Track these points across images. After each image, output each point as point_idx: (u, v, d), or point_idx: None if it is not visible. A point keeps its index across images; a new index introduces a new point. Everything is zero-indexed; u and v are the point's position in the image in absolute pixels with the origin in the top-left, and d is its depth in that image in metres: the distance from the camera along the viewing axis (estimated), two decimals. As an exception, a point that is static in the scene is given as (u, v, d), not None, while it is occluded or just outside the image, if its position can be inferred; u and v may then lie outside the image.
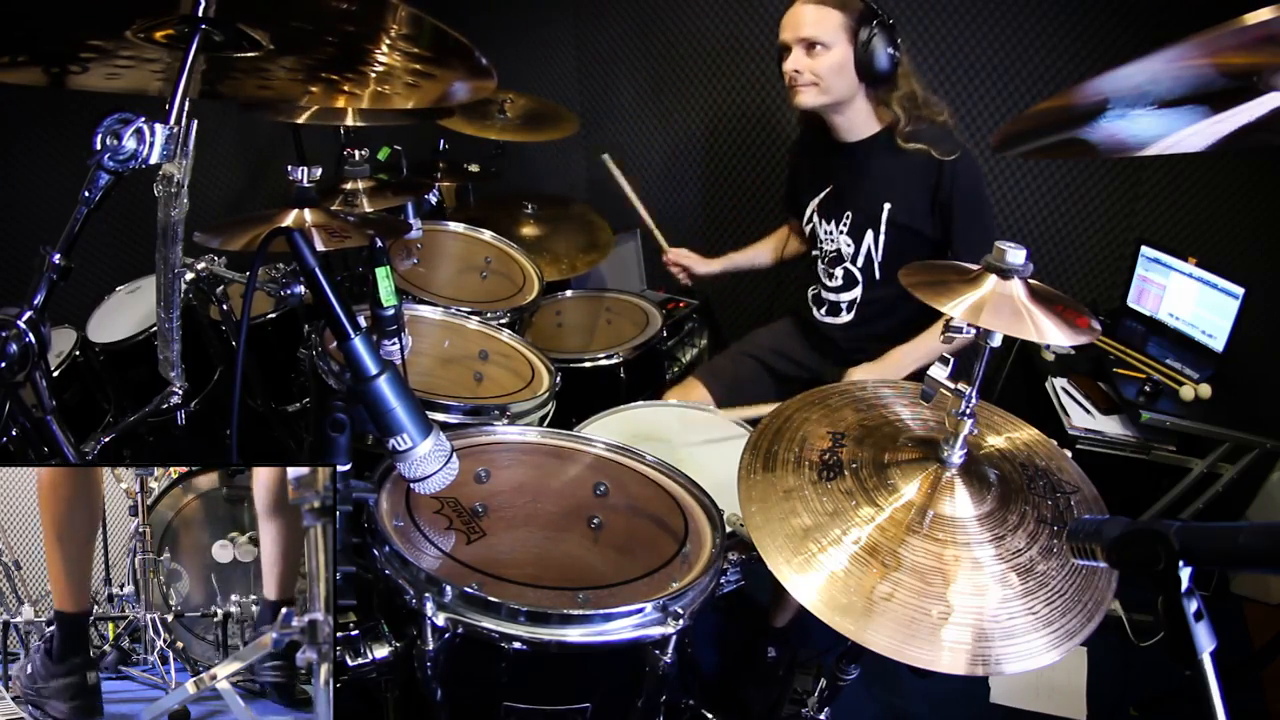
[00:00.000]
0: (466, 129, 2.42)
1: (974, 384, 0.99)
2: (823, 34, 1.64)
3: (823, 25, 1.64)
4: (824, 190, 1.87)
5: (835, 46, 1.64)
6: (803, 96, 1.70)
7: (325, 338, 1.45)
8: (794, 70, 1.68)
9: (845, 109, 1.74)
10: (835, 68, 1.66)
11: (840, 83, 1.68)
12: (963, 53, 2.41)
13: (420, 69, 1.21)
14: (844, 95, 1.70)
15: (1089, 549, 0.70)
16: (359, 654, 1.01)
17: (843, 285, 1.88)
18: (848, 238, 1.82)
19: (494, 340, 1.80)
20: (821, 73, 1.66)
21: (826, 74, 1.66)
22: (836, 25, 1.63)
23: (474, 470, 1.24)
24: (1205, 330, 2.22)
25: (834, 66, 1.66)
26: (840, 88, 1.69)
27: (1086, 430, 2.11)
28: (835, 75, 1.67)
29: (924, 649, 0.86)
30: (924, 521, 0.99)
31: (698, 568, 1.11)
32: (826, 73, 1.66)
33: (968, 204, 1.69)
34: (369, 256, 1.13)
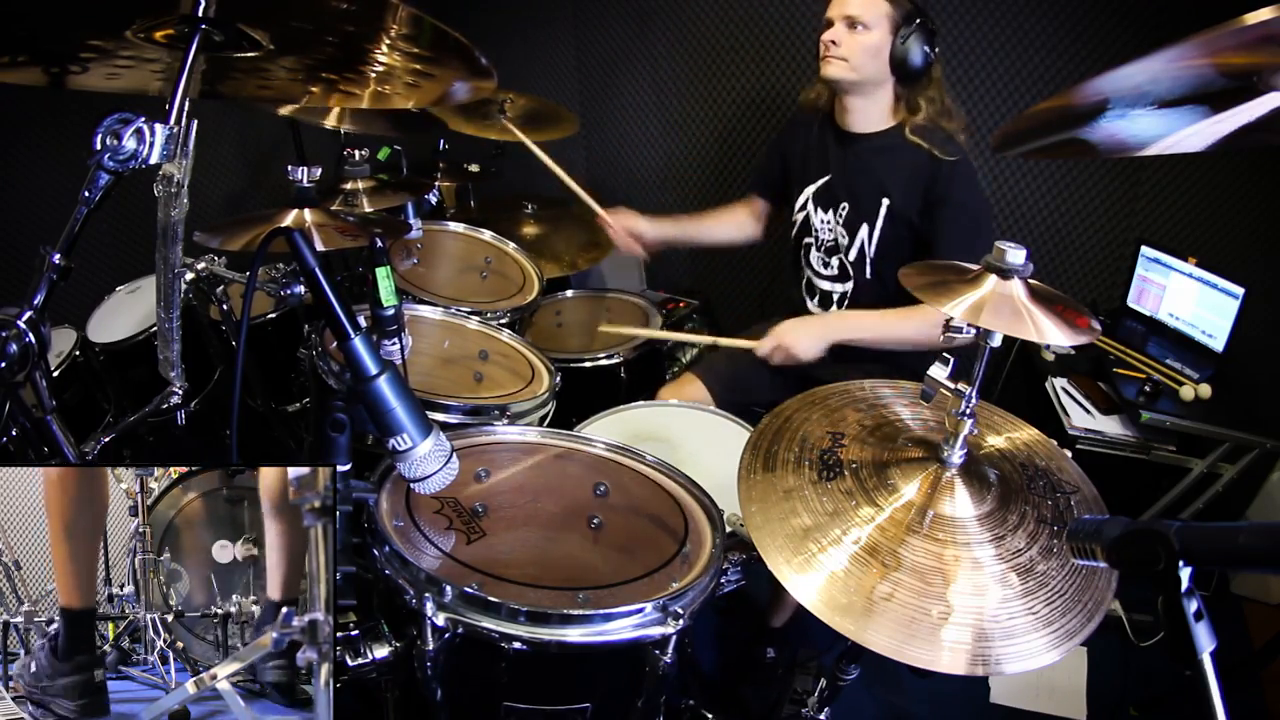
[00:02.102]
0: (466, 129, 2.42)
1: (974, 384, 0.99)
2: (867, 16, 1.67)
3: (869, 8, 1.67)
4: (822, 179, 1.86)
5: (875, 30, 1.67)
6: (832, 68, 1.72)
7: (325, 338, 1.46)
8: (831, 40, 1.70)
9: (867, 94, 1.75)
10: (870, 50, 1.68)
11: (871, 66, 1.70)
12: (963, 53, 2.41)
13: (420, 69, 1.21)
14: (870, 78, 1.72)
15: (1089, 549, 0.70)
16: (359, 654, 1.01)
17: (837, 276, 1.88)
18: (843, 229, 1.83)
19: (494, 340, 1.80)
20: (856, 50, 1.69)
21: (860, 53, 1.68)
22: (882, 12, 1.67)
23: (474, 470, 1.24)
24: (1205, 330, 2.22)
25: (869, 48, 1.68)
26: (869, 70, 1.70)
27: (1086, 430, 2.11)
28: (868, 57, 1.69)
29: (924, 649, 0.86)
30: (924, 521, 0.99)
31: (698, 568, 1.11)
32: (861, 52, 1.68)
33: (956, 207, 1.68)
34: (369, 256, 1.13)
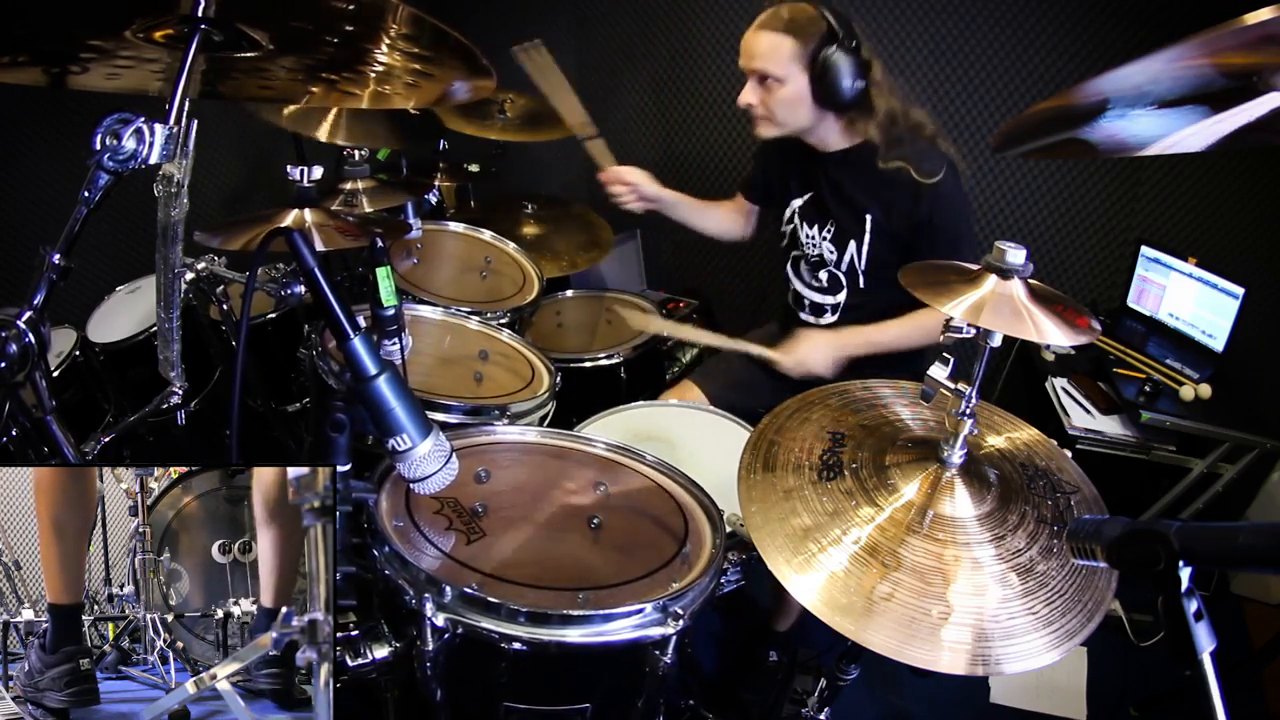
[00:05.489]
0: (466, 129, 2.42)
1: (974, 384, 0.99)
2: (774, 67, 1.54)
3: (774, 57, 1.54)
4: (805, 195, 1.80)
5: (789, 80, 1.55)
6: (759, 128, 1.64)
7: (325, 338, 1.45)
8: (748, 103, 1.61)
9: (813, 131, 1.66)
10: (789, 102, 1.57)
11: (796, 115, 1.60)
12: (963, 53, 2.41)
13: (420, 69, 1.21)
14: (804, 125, 1.63)
15: (1089, 549, 0.70)
16: (359, 654, 1.01)
17: (827, 289, 1.81)
18: (831, 244, 1.76)
19: (494, 340, 1.80)
20: (774, 108, 1.59)
21: (779, 109, 1.58)
22: (789, 56, 1.53)
23: (474, 470, 1.24)
24: (1205, 330, 2.22)
25: (787, 101, 1.57)
26: (797, 119, 1.61)
27: (1086, 430, 2.11)
28: (789, 109, 1.58)
29: (924, 649, 0.86)
30: (924, 521, 0.99)
31: (698, 568, 1.11)
32: (778, 108, 1.58)
33: (946, 226, 1.62)
34: (369, 256, 1.13)
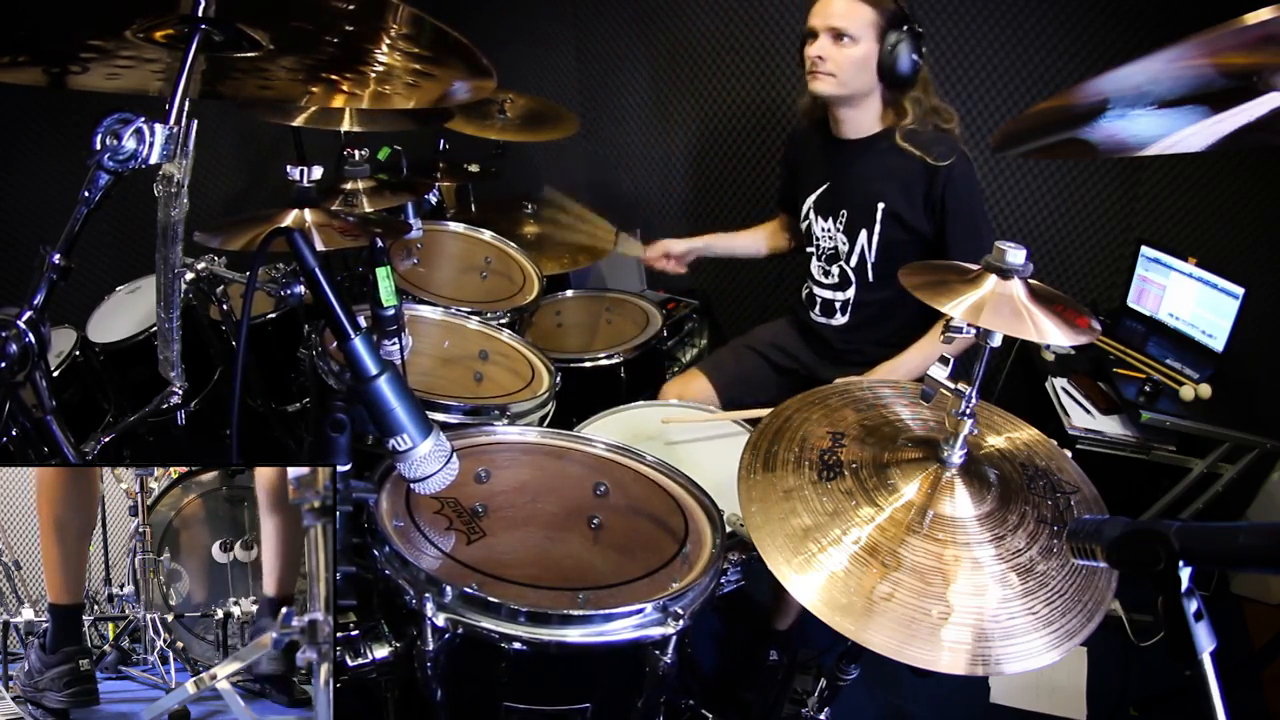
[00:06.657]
0: (466, 129, 2.42)
1: (974, 384, 0.99)
2: (852, 27, 1.63)
3: (854, 18, 1.63)
4: (821, 187, 1.87)
5: (862, 41, 1.64)
6: (820, 84, 1.70)
7: (325, 338, 1.45)
8: (817, 56, 1.68)
9: (856, 104, 1.74)
10: (858, 62, 1.65)
11: (859, 78, 1.67)
12: (963, 53, 2.41)
13: (420, 69, 1.21)
14: (860, 90, 1.70)
15: (1089, 549, 0.70)
16: (359, 654, 1.01)
17: (838, 284, 1.88)
18: (843, 235, 1.83)
19: (494, 340, 1.80)
20: (844, 64, 1.66)
21: (848, 67, 1.66)
22: (867, 21, 1.63)
23: (474, 470, 1.24)
24: (1205, 330, 2.22)
25: (857, 61, 1.65)
26: (858, 83, 1.68)
27: (1086, 430, 2.11)
28: (856, 69, 1.66)
29: (924, 649, 0.86)
30: (924, 521, 0.99)
31: (698, 568, 1.11)
32: (848, 65, 1.66)
33: (961, 210, 1.69)
34: (369, 256, 1.13)
